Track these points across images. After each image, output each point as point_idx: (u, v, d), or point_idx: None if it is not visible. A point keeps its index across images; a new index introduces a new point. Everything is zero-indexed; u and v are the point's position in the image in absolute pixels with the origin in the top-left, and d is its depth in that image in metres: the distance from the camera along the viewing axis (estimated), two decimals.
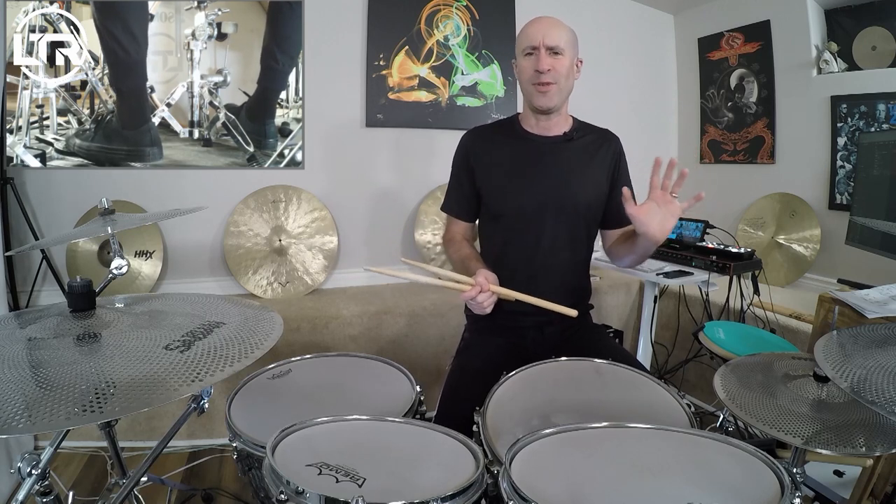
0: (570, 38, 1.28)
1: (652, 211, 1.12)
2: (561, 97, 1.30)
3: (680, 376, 2.45)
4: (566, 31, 1.28)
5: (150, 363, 0.76)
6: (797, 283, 2.51)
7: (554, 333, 1.39)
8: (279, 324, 0.94)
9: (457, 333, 1.52)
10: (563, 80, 1.28)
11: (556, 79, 1.26)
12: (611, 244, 1.45)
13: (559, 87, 1.28)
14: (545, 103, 1.29)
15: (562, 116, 1.37)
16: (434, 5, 2.53)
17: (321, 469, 0.78)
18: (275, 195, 2.40)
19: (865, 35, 2.36)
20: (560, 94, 1.30)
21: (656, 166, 1.13)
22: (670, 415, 1.00)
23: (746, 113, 2.76)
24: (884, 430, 0.90)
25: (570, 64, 1.29)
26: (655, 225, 1.12)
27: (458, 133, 1.42)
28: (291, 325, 2.07)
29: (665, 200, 1.12)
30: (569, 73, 1.29)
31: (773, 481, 0.74)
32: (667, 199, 1.12)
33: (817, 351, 0.94)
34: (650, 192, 1.14)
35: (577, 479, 0.75)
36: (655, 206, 1.12)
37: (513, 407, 1.02)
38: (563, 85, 1.29)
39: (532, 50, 1.26)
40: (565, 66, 1.27)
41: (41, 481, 0.81)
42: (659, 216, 1.12)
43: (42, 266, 2.12)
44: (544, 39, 1.24)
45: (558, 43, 1.25)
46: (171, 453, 1.97)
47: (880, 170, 1.98)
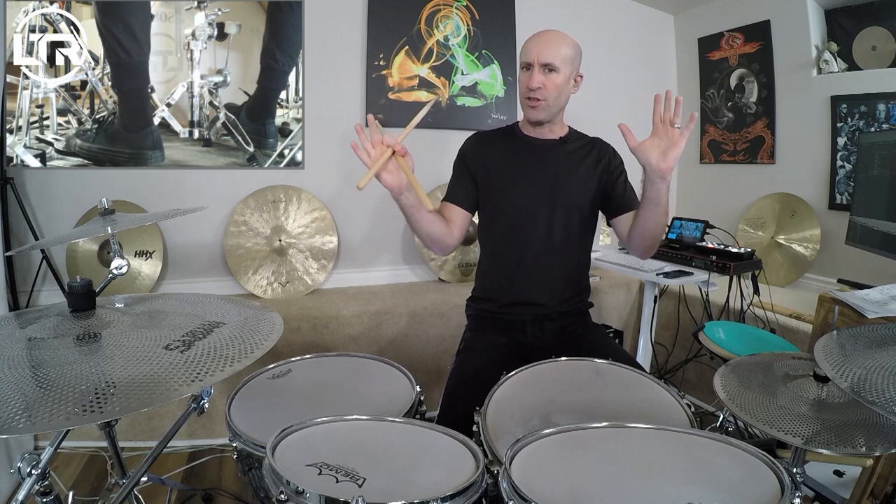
0: (568, 55, 1.29)
1: (654, 141, 1.14)
2: (549, 112, 1.34)
3: (680, 376, 2.45)
4: (566, 47, 1.29)
5: (150, 363, 0.76)
6: (797, 283, 2.51)
7: (554, 329, 1.41)
8: (279, 324, 0.93)
9: (457, 333, 1.52)
10: (553, 98, 1.31)
11: (545, 96, 1.30)
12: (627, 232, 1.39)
13: (548, 103, 1.31)
14: (534, 116, 1.35)
15: (557, 125, 1.41)
16: (434, 5, 2.53)
17: (321, 469, 0.78)
18: (275, 195, 2.40)
19: (865, 35, 2.36)
20: (549, 110, 1.33)
21: (657, 103, 1.14)
22: (670, 415, 1.00)
23: (746, 113, 2.76)
24: (884, 430, 0.90)
25: (565, 81, 1.31)
26: (657, 154, 1.13)
27: (458, 133, 1.43)
28: (291, 325, 2.07)
29: (665, 131, 1.13)
30: (561, 91, 1.32)
31: (773, 481, 0.74)
32: (667, 129, 1.13)
33: (817, 351, 0.94)
34: (653, 128, 1.15)
35: (577, 479, 0.75)
36: (656, 138, 1.14)
37: (513, 407, 1.02)
38: (553, 102, 1.32)
39: (527, 66, 1.30)
40: (557, 85, 1.30)
41: (41, 481, 0.81)
42: (660, 146, 1.13)
43: (42, 266, 2.12)
44: (539, 56, 1.28)
45: (553, 60, 1.27)
46: (171, 453, 1.97)
47: (880, 170, 1.98)
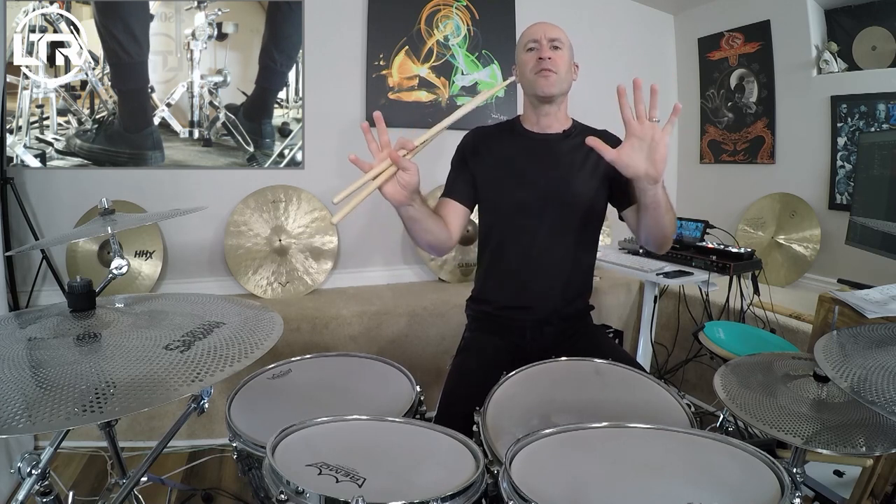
0: (568, 41, 1.35)
1: (633, 147, 0.98)
2: (561, 87, 1.33)
3: (680, 376, 2.45)
4: (564, 34, 1.35)
5: (150, 363, 0.76)
6: (797, 283, 2.51)
7: (554, 332, 1.39)
8: (279, 324, 0.93)
9: (457, 333, 1.52)
10: (564, 73, 1.32)
11: (556, 68, 1.30)
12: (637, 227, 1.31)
13: (559, 76, 1.31)
14: (548, 88, 1.29)
15: (562, 114, 1.39)
16: (434, 5, 2.53)
17: (321, 469, 0.78)
18: (275, 195, 2.40)
19: (865, 35, 2.36)
20: (560, 85, 1.32)
21: (621, 97, 0.96)
22: (670, 415, 1.00)
23: (746, 113, 2.76)
24: (884, 430, 0.90)
25: (569, 61, 1.34)
26: (642, 161, 0.98)
27: (458, 133, 1.42)
28: (291, 325, 2.07)
29: (643, 131, 0.97)
30: (568, 69, 1.34)
31: (773, 481, 0.74)
32: (645, 128, 0.97)
33: (817, 351, 0.94)
34: (626, 129, 0.98)
35: (577, 479, 0.75)
36: (635, 140, 0.98)
37: (513, 407, 1.01)
38: (564, 77, 1.32)
39: (534, 44, 1.32)
40: (565, 61, 1.32)
41: (41, 481, 0.81)
42: (643, 150, 0.98)
43: (42, 266, 2.12)
44: (546, 34, 1.31)
45: (559, 37, 1.32)
46: (171, 453, 1.97)
47: (880, 170, 1.98)
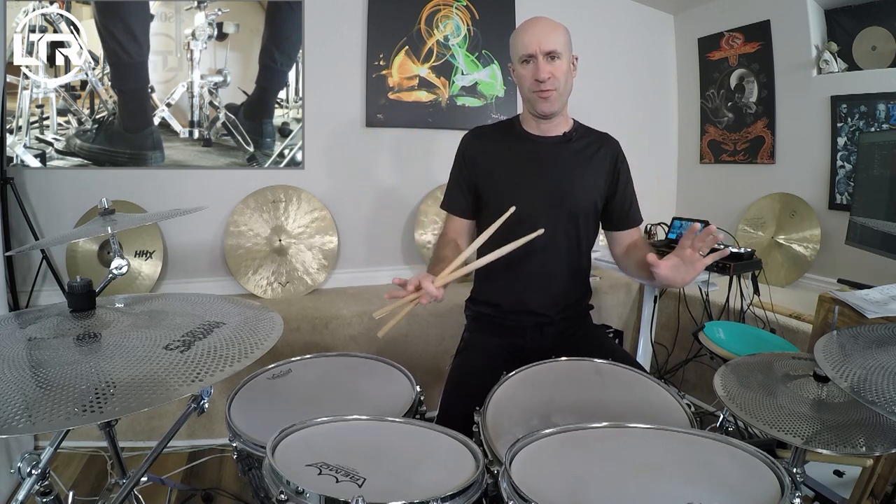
0: (564, 40, 1.28)
1: (676, 267, 1.12)
2: (562, 101, 1.32)
3: (680, 376, 2.45)
4: (560, 31, 1.28)
5: (150, 363, 0.76)
6: (797, 283, 2.51)
7: (554, 333, 1.39)
8: (279, 324, 0.93)
9: (457, 333, 1.52)
10: (563, 85, 1.29)
11: (556, 85, 1.27)
12: (620, 254, 1.44)
13: (559, 92, 1.29)
14: (548, 109, 1.30)
15: (563, 117, 1.38)
16: (434, 5, 2.53)
17: (321, 469, 0.78)
18: (275, 195, 2.40)
19: (865, 35, 2.36)
20: (561, 99, 1.31)
21: (690, 231, 1.11)
22: (670, 415, 1.00)
23: (746, 113, 2.76)
24: (884, 430, 0.90)
25: (568, 65, 1.30)
26: (678, 277, 1.13)
27: (458, 133, 1.43)
28: (291, 325, 2.07)
29: (693, 259, 1.11)
30: (567, 76, 1.30)
31: (773, 481, 0.74)
32: (695, 257, 1.11)
33: (817, 351, 0.94)
34: (679, 251, 1.12)
35: (577, 479, 0.75)
36: (680, 261, 1.12)
37: (513, 407, 1.02)
38: (563, 89, 1.30)
39: (529, 58, 1.26)
40: (563, 70, 1.28)
41: (41, 481, 0.81)
42: (682, 269, 1.12)
43: (42, 266, 2.12)
44: (540, 46, 1.24)
45: (555, 47, 1.25)
46: (171, 453, 1.97)
47: (880, 170, 1.98)
